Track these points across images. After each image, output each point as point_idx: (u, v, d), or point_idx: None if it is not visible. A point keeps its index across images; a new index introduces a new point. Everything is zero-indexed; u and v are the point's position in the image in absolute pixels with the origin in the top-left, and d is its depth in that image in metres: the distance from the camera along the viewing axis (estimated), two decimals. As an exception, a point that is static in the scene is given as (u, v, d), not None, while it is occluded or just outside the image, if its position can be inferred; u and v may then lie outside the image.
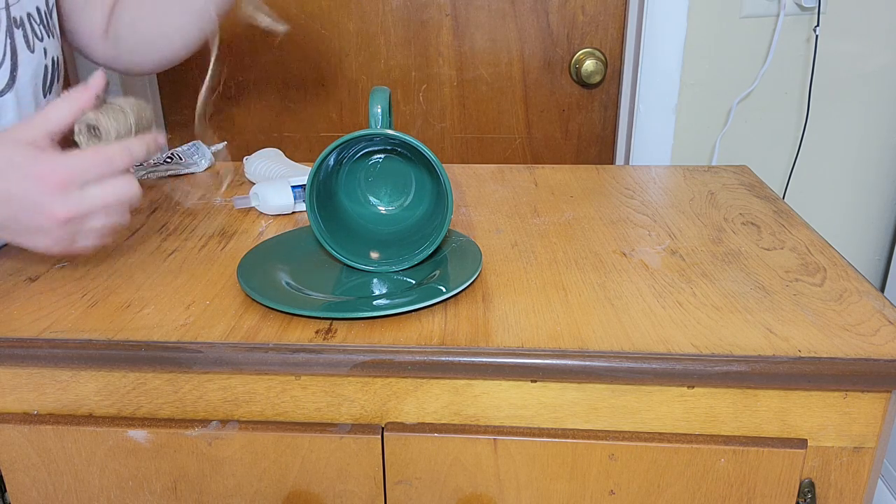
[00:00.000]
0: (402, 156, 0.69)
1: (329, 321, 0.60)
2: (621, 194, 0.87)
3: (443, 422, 0.60)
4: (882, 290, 1.20)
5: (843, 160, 1.16)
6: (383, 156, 0.70)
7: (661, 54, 1.09)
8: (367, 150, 0.69)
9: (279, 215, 0.83)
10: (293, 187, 0.82)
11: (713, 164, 1.15)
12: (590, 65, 1.21)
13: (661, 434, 0.59)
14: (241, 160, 0.96)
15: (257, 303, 0.62)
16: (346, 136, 0.62)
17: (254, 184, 0.88)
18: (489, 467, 0.60)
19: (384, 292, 0.64)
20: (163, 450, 0.61)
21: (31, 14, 0.71)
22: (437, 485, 0.61)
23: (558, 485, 0.60)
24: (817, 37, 1.07)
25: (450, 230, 0.73)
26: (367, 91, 1.27)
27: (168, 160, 0.95)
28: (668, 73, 1.10)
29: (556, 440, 0.59)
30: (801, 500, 0.59)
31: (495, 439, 0.59)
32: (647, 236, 0.75)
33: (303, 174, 0.84)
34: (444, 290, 0.62)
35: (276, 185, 0.82)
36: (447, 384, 0.59)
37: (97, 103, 0.61)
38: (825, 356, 0.55)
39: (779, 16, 1.07)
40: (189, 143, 0.99)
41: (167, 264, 0.70)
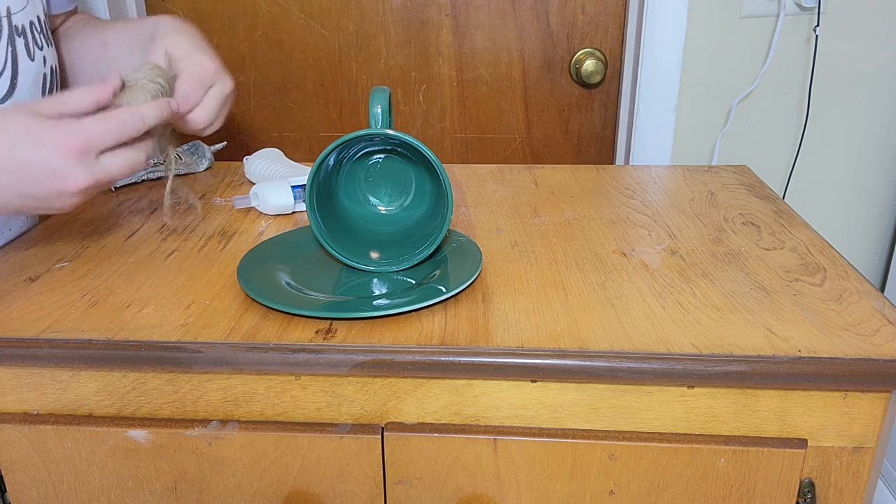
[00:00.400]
0: (402, 156, 0.69)
1: (329, 321, 0.60)
2: (621, 194, 0.87)
3: (443, 422, 0.60)
4: (882, 290, 1.20)
5: (843, 160, 1.16)
6: (383, 156, 0.70)
7: (661, 54, 1.09)
8: (367, 150, 0.69)
9: (279, 215, 0.83)
10: (293, 187, 0.82)
11: (713, 164, 1.15)
12: (590, 65, 1.21)
13: (661, 434, 0.59)
14: (241, 160, 0.96)
15: (257, 303, 0.62)
16: (346, 136, 0.62)
17: (254, 184, 0.88)
18: (489, 467, 0.60)
19: (384, 292, 0.64)
20: (163, 450, 0.61)
21: (32, 23, 0.71)
22: (437, 485, 0.61)
23: (558, 485, 0.60)
24: (817, 37, 1.07)
25: (450, 230, 0.73)
26: (367, 91, 1.27)
27: (168, 160, 0.95)
28: (668, 73, 1.10)
29: (556, 440, 0.59)
30: (801, 500, 0.59)
31: (495, 439, 0.59)
32: (647, 236, 0.75)
33: (303, 174, 0.84)
34: (444, 290, 0.62)
35: (276, 185, 0.82)
36: (447, 384, 0.59)
37: (113, 98, 0.61)
38: (825, 356, 0.55)
39: (779, 16, 1.07)
40: (189, 143, 0.99)
41: (167, 264, 0.70)
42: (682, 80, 1.11)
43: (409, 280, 0.66)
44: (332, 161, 0.66)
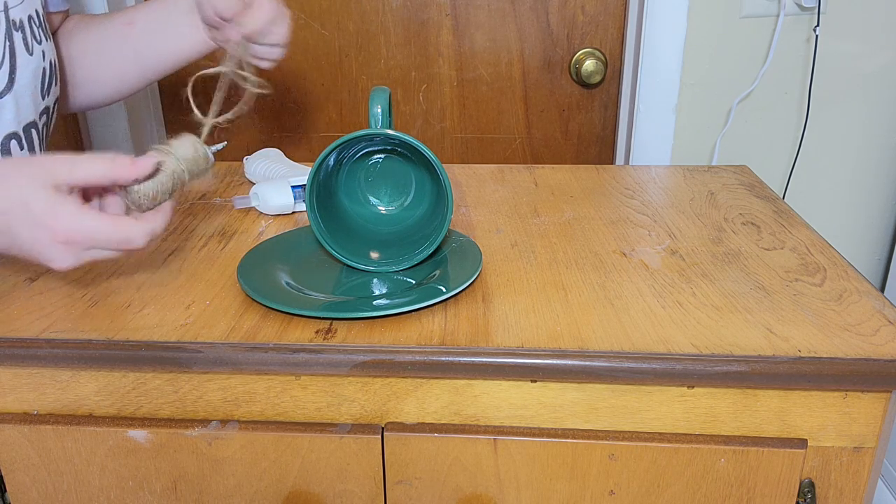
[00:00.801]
0: (402, 156, 0.69)
1: (329, 321, 0.60)
2: (621, 194, 0.87)
3: (443, 422, 0.60)
4: (882, 290, 1.20)
5: (843, 160, 1.16)
6: (383, 156, 0.70)
7: (661, 54, 1.09)
8: (367, 150, 0.69)
9: (279, 215, 0.83)
10: (293, 187, 0.82)
11: (713, 164, 1.15)
12: (590, 65, 1.21)
13: (661, 434, 0.59)
14: (241, 160, 0.96)
15: (257, 303, 0.62)
16: (346, 136, 0.62)
17: (254, 184, 0.88)
18: (489, 467, 0.60)
19: (384, 292, 0.64)
20: (163, 450, 0.61)
21: (31, 17, 0.71)
22: (437, 485, 0.61)
23: (558, 485, 0.60)
24: (817, 37, 1.07)
25: (450, 230, 0.73)
26: (367, 91, 1.27)
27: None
28: (668, 73, 1.10)
29: (556, 440, 0.59)
30: (801, 500, 0.59)
31: (495, 439, 0.59)
32: (647, 236, 0.75)
33: (303, 174, 0.84)
34: (444, 290, 0.62)
35: (276, 185, 0.82)
36: (447, 384, 0.59)
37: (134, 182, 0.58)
38: (825, 356, 0.55)
39: (779, 16, 1.07)
40: (189, 143, 0.99)
41: (167, 264, 0.70)
42: (682, 80, 1.11)
43: (409, 280, 0.66)
44: (332, 161, 0.66)
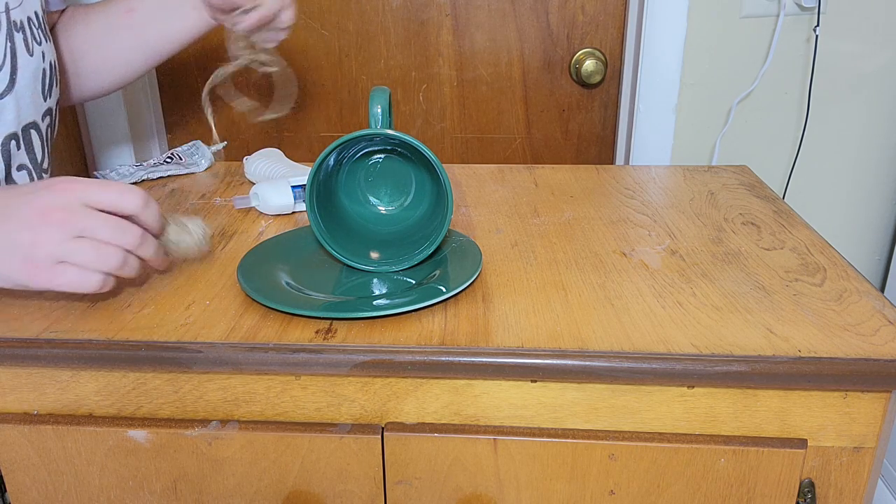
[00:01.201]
0: (402, 156, 0.69)
1: (329, 321, 0.60)
2: (621, 194, 0.87)
3: (443, 422, 0.60)
4: (882, 290, 1.20)
5: (843, 160, 1.16)
6: (383, 156, 0.70)
7: (661, 54, 1.09)
8: (367, 150, 0.69)
9: (279, 215, 0.83)
10: (293, 187, 0.82)
11: (713, 164, 1.15)
12: (590, 65, 1.21)
13: (661, 434, 0.59)
14: (241, 160, 0.96)
15: (257, 303, 0.62)
16: (346, 136, 0.62)
17: (254, 184, 0.88)
18: (489, 467, 0.60)
19: (384, 292, 0.64)
20: (163, 450, 0.61)
21: (30, 18, 0.71)
22: (437, 485, 0.61)
23: (558, 485, 0.60)
24: (817, 37, 1.07)
25: (450, 230, 0.73)
26: (367, 91, 1.27)
27: (168, 160, 0.95)
28: (668, 73, 1.10)
29: (556, 440, 0.59)
30: (801, 500, 0.59)
31: (495, 439, 0.59)
32: (647, 236, 0.75)
33: (303, 174, 0.84)
34: (444, 290, 0.62)
35: (276, 185, 0.82)
36: (447, 384, 0.59)
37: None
38: (825, 356, 0.55)
39: (779, 16, 1.07)
40: (189, 144, 1.00)
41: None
42: (682, 80, 1.11)
43: (409, 280, 0.66)
44: (332, 161, 0.66)
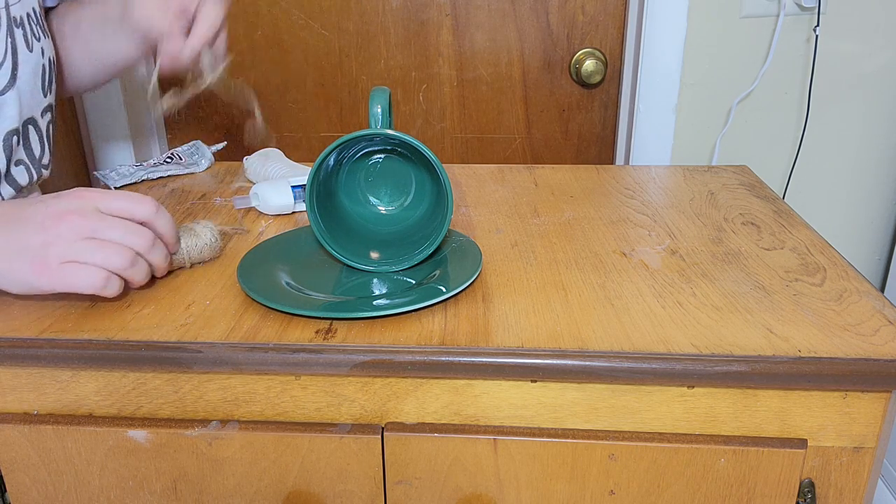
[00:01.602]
0: (402, 156, 0.69)
1: (329, 321, 0.60)
2: (621, 194, 0.87)
3: (443, 422, 0.60)
4: (882, 290, 1.20)
5: (843, 160, 1.16)
6: (383, 156, 0.70)
7: (661, 54, 1.09)
8: (367, 150, 0.69)
9: (279, 215, 0.83)
10: (293, 187, 0.82)
11: (713, 164, 1.15)
12: (590, 65, 1.21)
13: (661, 434, 0.59)
14: (241, 160, 0.96)
15: (257, 303, 0.62)
16: (346, 136, 0.62)
17: (254, 184, 0.88)
18: (489, 467, 0.60)
19: (384, 292, 0.64)
20: (163, 450, 0.61)
21: (30, 14, 0.71)
22: (437, 485, 0.61)
23: (558, 485, 0.60)
24: (817, 37, 1.07)
25: (450, 230, 0.73)
26: (367, 91, 1.27)
27: (168, 160, 0.95)
28: (668, 73, 1.10)
29: (556, 440, 0.59)
30: (801, 500, 0.59)
31: (495, 439, 0.59)
32: (647, 236, 0.75)
33: (303, 174, 0.84)
34: (444, 290, 0.62)
35: (276, 185, 0.82)
36: (447, 384, 0.59)
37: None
38: (825, 356, 0.55)
39: (779, 16, 1.07)
40: (189, 143, 1.00)
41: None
42: (682, 80, 1.11)
43: (409, 280, 0.66)
44: (332, 161, 0.66)
